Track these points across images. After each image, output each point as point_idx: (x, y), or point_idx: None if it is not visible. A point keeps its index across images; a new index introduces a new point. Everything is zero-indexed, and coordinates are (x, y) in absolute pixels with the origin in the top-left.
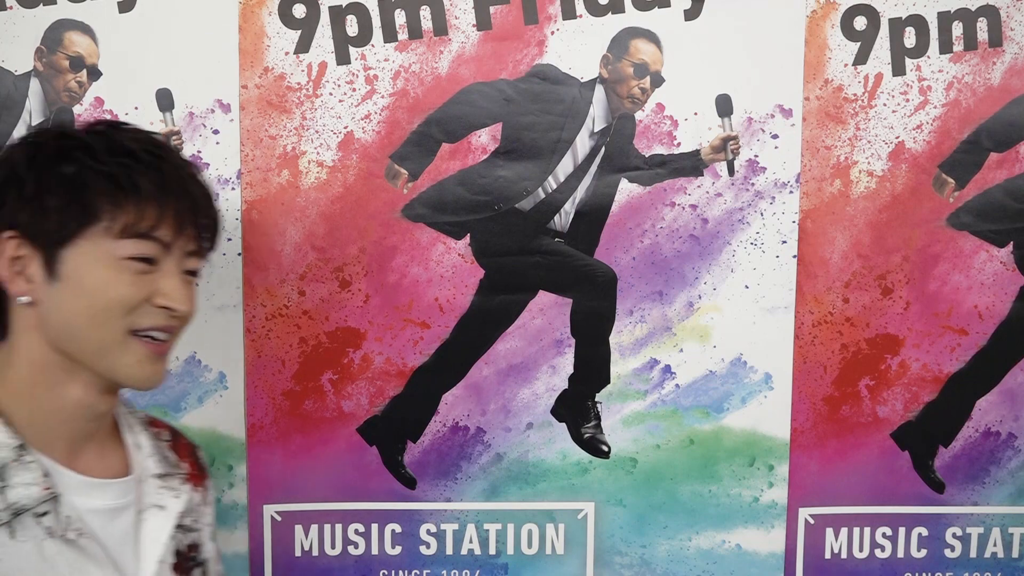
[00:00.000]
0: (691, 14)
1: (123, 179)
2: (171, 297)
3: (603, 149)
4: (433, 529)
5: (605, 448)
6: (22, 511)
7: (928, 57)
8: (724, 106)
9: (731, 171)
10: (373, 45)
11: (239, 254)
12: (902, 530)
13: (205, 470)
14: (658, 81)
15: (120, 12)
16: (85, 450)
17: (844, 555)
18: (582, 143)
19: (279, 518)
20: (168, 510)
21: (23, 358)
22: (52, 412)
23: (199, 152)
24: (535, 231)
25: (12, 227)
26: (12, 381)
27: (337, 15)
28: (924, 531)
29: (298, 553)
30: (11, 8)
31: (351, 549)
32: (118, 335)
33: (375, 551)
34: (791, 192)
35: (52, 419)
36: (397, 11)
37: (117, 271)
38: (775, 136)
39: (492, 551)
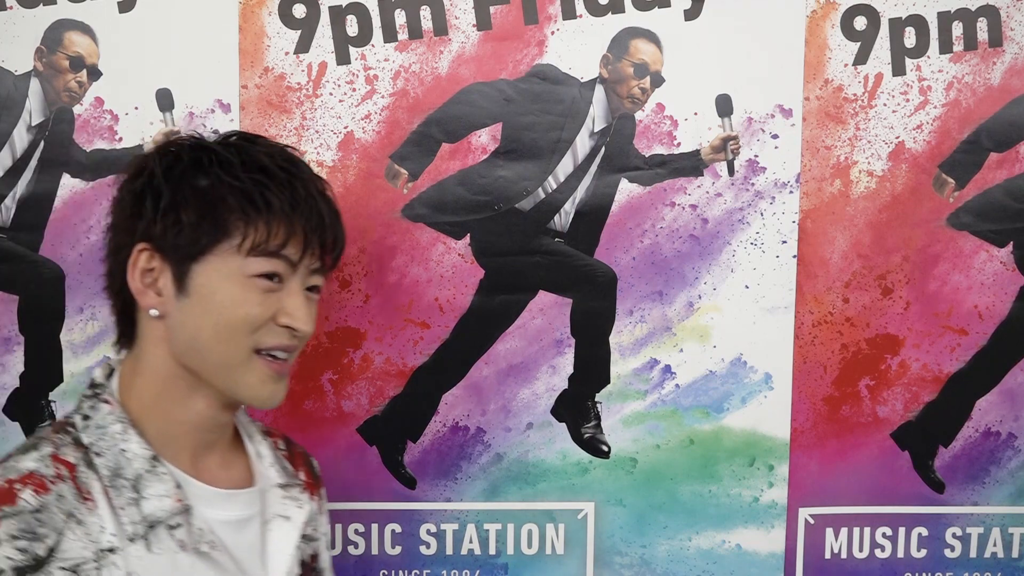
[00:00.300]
0: (691, 14)
1: (256, 196)
2: (294, 317)
3: (603, 149)
4: (433, 529)
5: (605, 448)
6: (156, 523)
7: (928, 57)
8: (724, 106)
9: (731, 171)
10: (373, 45)
11: None
12: (902, 530)
13: (319, 479)
14: (658, 81)
15: (120, 12)
16: (209, 461)
17: (844, 555)
18: (582, 143)
19: None
20: (293, 520)
21: (150, 369)
22: (178, 423)
23: None
24: (535, 231)
25: (146, 239)
26: (141, 392)
27: (337, 15)
28: (924, 531)
29: None
30: (11, 8)
31: (351, 549)
32: (242, 353)
33: (375, 551)
34: (791, 192)
35: (178, 430)
36: (397, 11)
37: (245, 289)
38: (775, 136)
39: (492, 551)
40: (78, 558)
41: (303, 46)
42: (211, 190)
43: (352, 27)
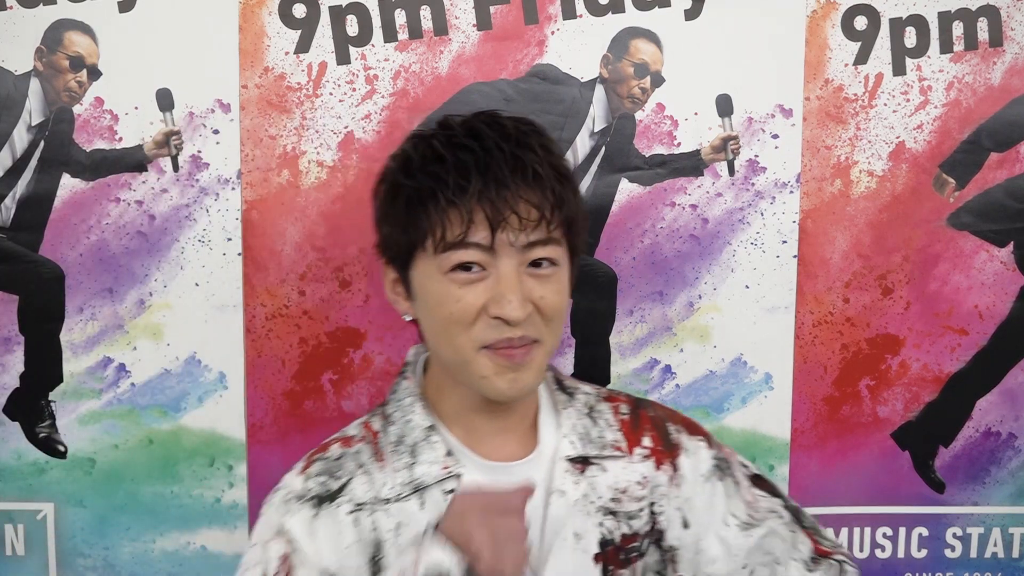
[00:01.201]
0: (691, 14)
1: (425, 193)
2: (500, 305)
3: (603, 149)
4: None
5: None
6: (421, 487)
7: (928, 57)
8: (724, 106)
9: (731, 171)
10: (373, 45)
11: (239, 254)
12: (902, 530)
13: (677, 446)
14: (658, 81)
15: (120, 12)
16: (489, 433)
17: None
18: (582, 143)
19: None
20: (567, 496)
21: (435, 365)
22: (454, 404)
23: (199, 152)
24: None
25: (380, 252)
26: (431, 377)
27: (337, 15)
28: (924, 531)
29: None
30: (11, 8)
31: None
32: (469, 351)
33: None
34: (791, 192)
35: (455, 409)
36: (397, 11)
37: (445, 286)
38: (775, 136)
39: None
40: (360, 499)
41: (303, 46)
42: (398, 196)
43: (352, 27)
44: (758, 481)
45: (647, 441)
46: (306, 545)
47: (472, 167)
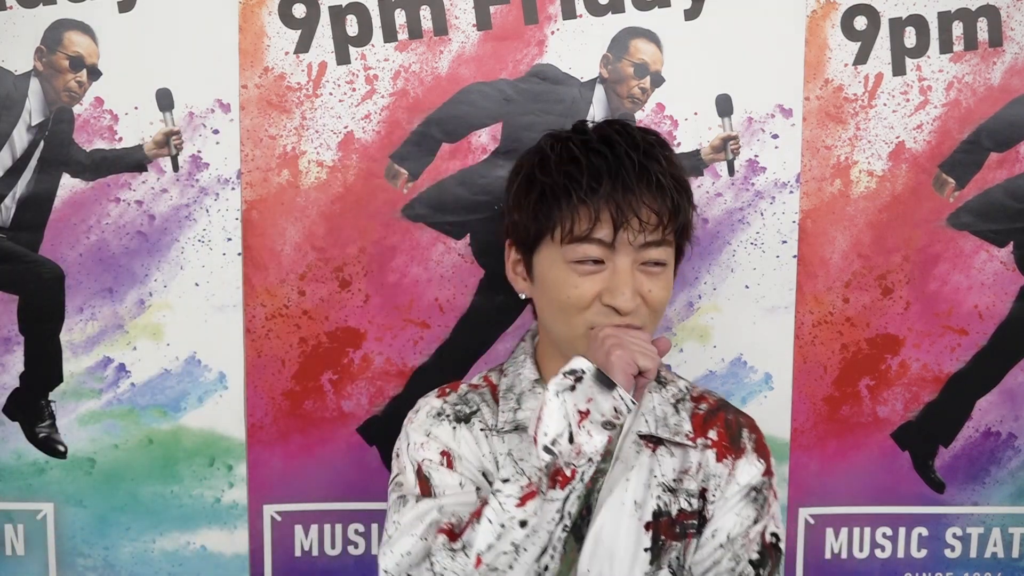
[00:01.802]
0: (691, 14)
1: (559, 190)
2: (614, 295)
3: None
4: None
5: None
6: (522, 427)
7: (928, 57)
8: (724, 106)
9: (731, 171)
10: (373, 45)
11: (239, 254)
12: (902, 530)
13: (743, 449)
14: (658, 81)
15: (120, 12)
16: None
17: (844, 555)
18: None
19: (279, 518)
20: (624, 463)
21: (543, 337)
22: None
23: (199, 152)
24: None
25: (510, 235)
26: (541, 345)
27: (337, 15)
28: (924, 531)
29: (298, 553)
30: (11, 8)
31: (351, 549)
32: (579, 331)
33: (375, 551)
34: (791, 192)
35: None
36: (397, 11)
37: (566, 273)
38: (775, 136)
39: None
40: (483, 424)
41: (303, 46)
42: (532, 189)
43: (352, 27)
44: (771, 549)
45: (712, 434)
46: (457, 448)
47: (604, 171)
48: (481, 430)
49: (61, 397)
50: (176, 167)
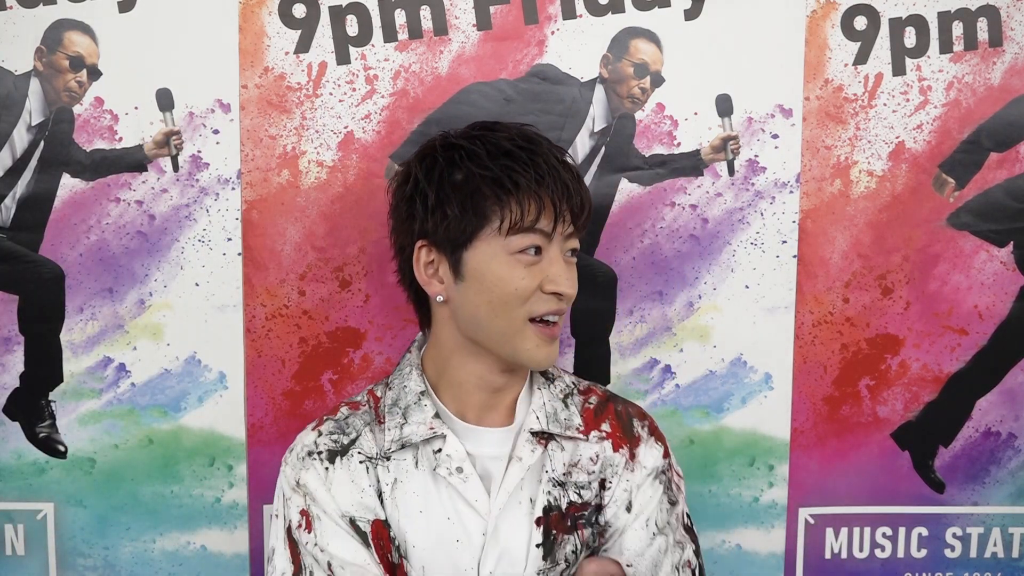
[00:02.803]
0: (691, 14)
1: (504, 180)
2: (558, 282)
3: (603, 149)
4: None
5: None
6: (407, 444)
7: (928, 57)
8: (724, 106)
9: (731, 171)
10: (373, 45)
11: (239, 254)
12: (902, 530)
13: (639, 437)
14: (658, 81)
15: (120, 12)
16: (480, 406)
17: (844, 555)
18: (582, 143)
19: None
20: (523, 462)
21: (441, 342)
22: (459, 383)
23: (199, 152)
24: None
25: (423, 236)
26: (433, 357)
27: (337, 15)
28: (924, 531)
29: None
30: (11, 8)
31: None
32: (517, 323)
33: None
34: (791, 192)
35: (460, 387)
36: (397, 11)
37: (510, 265)
38: (775, 136)
39: None
40: (368, 452)
41: (303, 46)
42: (466, 183)
43: (352, 27)
44: (689, 532)
45: (605, 426)
46: (322, 496)
47: (542, 164)
48: (360, 462)
49: (61, 397)
50: (176, 167)
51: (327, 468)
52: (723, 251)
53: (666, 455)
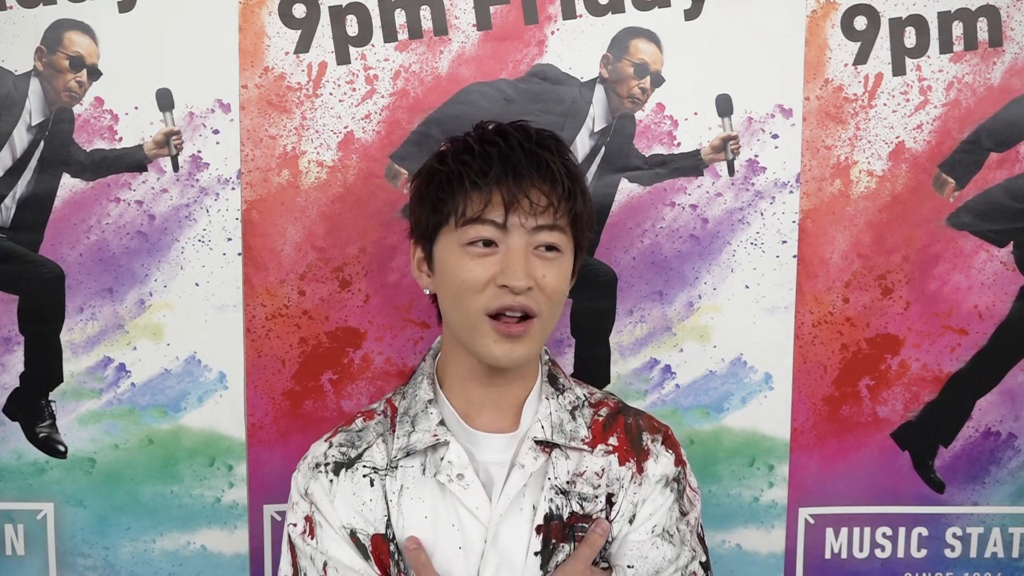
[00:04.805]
0: (691, 14)
1: (453, 176)
2: (507, 275)
3: (603, 149)
4: None
5: None
6: (412, 452)
7: (928, 57)
8: (724, 106)
9: (731, 171)
10: (373, 45)
11: (239, 254)
12: (902, 530)
13: (647, 452)
14: (658, 81)
15: (120, 12)
16: (487, 409)
17: (844, 555)
18: (582, 143)
19: (279, 518)
20: (524, 469)
21: (444, 336)
22: (459, 376)
23: (199, 152)
24: None
25: (413, 233)
26: (443, 356)
27: (337, 15)
28: (924, 531)
29: None
30: (11, 8)
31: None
32: (473, 317)
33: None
34: (791, 192)
35: (460, 380)
36: (397, 11)
37: (460, 256)
38: (775, 136)
39: None
40: (377, 464)
41: (303, 46)
42: (429, 182)
43: (352, 27)
44: (702, 542)
45: (613, 440)
46: (325, 507)
47: (496, 157)
48: (365, 476)
49: (61, 397)
50: (176, 167)
51: (331, 480)
52: (723, 251)
53: (679, 463)
